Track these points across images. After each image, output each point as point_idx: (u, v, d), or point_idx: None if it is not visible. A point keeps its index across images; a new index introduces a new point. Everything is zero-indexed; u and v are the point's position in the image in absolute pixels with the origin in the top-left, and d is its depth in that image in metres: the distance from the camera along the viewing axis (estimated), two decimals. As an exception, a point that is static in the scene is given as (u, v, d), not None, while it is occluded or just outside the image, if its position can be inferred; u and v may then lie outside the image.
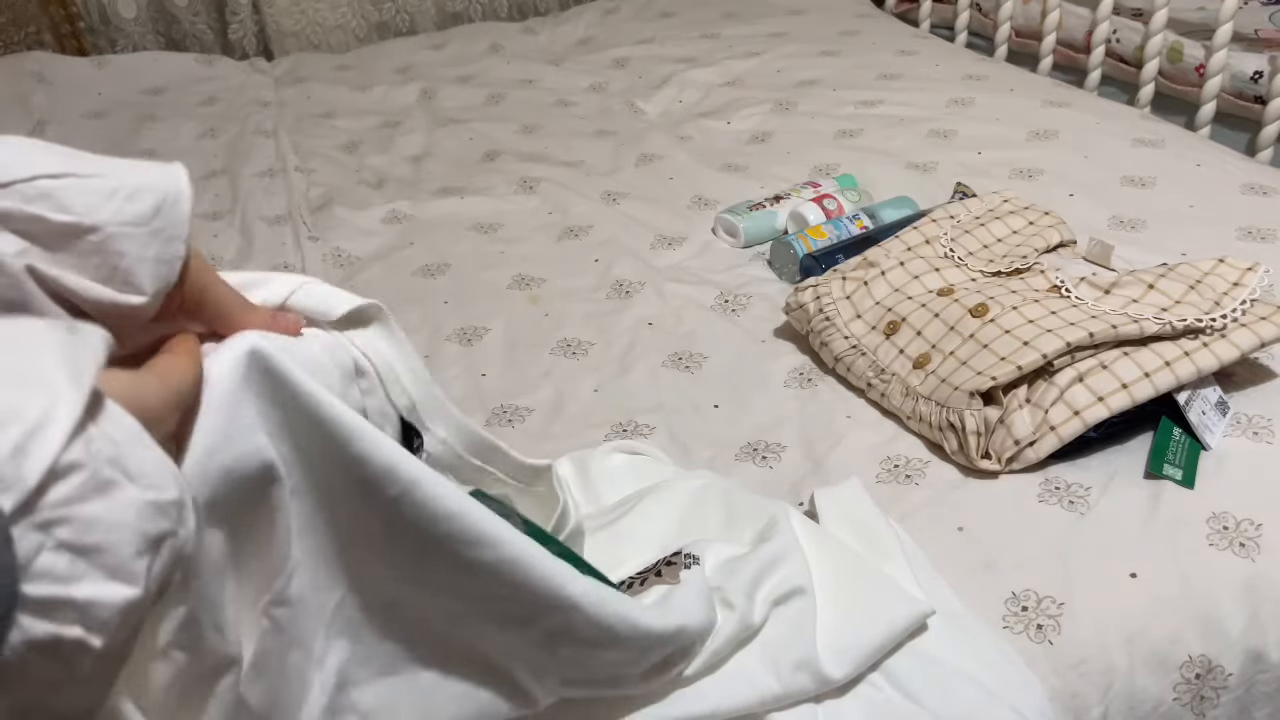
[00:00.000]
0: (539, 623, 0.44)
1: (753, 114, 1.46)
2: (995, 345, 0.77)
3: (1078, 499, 0.71)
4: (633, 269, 1.09)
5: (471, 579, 0.41)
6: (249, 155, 1.47)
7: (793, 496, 0.75)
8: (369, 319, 0.45)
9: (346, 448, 0.38)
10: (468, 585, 0.42)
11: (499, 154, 1.43)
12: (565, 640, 0.45)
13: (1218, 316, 0.76)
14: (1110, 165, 1.18)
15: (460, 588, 0.42)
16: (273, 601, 0.39)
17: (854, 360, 0.85)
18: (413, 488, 0.39)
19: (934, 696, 0.55)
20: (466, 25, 2.04)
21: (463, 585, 0.42)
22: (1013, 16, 1.68)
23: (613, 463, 0.73)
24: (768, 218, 1.13)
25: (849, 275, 0.91)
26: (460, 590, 0.42)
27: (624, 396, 0.89)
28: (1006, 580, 0.66)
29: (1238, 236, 1.02)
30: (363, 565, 0.42)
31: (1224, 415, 0.76)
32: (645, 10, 1.99)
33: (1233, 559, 0.66)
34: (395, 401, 0.46)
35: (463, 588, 0.42)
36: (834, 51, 1.65)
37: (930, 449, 0.78)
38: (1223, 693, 0.63)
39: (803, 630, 0.55)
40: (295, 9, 2.00)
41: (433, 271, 1.13)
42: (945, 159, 1.24)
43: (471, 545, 0.40)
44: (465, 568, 0.41)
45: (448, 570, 0.41)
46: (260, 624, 0.39)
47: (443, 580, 0.42)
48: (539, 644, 0.45)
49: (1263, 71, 1.36)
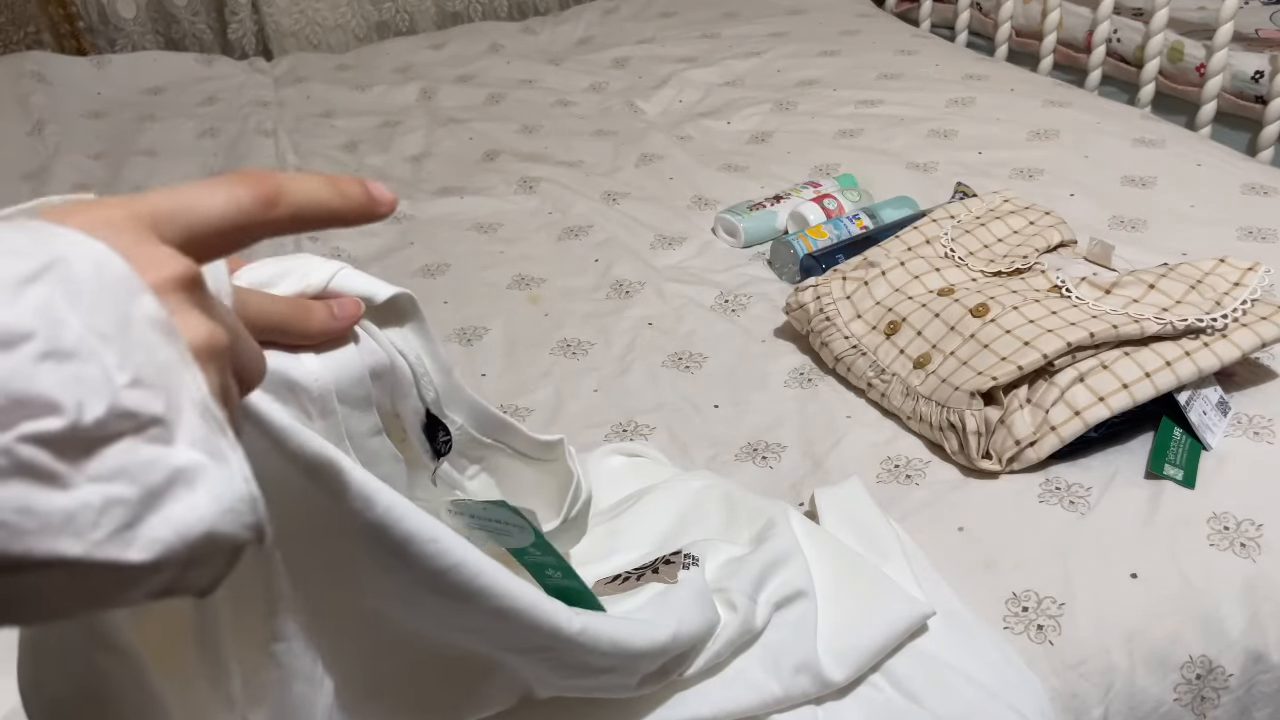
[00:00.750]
0: (532, 655, 0.44)
1: (753, 114, 1.46)
2: (996, 345, 0.77)
3: (1078, 499, 0.71)
4: (633, 269, 1.09)
5: (469, 618, 0.41)
6: (249, 155, 1.47)
7: (793, 496, 0.75)
8: (404, 312, 0.44)
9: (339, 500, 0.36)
10: (464, 623, 0.41)
11: (499, 154, 1.43)
12: (560, 666, 0.45)
13: (1218, 316, 0.76)
14: (1111, 165, 1.18)
15: (455, 624, 0.42)
16: (272, 637, 0.38)
17: (854, 360, 0.85)
18: (409, 543, 0.37)
19: (934, 697, 0.55)
20: (466, 25, 2.04)
21: (458, 623, 0.42)
22: (1013, 16, 1.68)
23: (611, 465, 0.73)
24: (768, 218, 1.13)
25: (849, 275, 0.91)
26: (456, 625, 0.42)
27: (624, 396, 0.89)
28: (1007, 580, 0.66)
29: (1238, 236, 1.02)
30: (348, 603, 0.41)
31: (1225, 415, 0.76)
32: (645, 10, 1.99)
33: (1233, 559, 0.66)
34: (425, 397, 0.46)
35: (458, 625, 0.42)
36: (834, 51, 1.65)
37: (930, 449, 0.78)
38: (1223, 693, 0.63)
39: (804, 633, 0.55)
40: (295, 9, 2.00)
41: (433, 271, 1.13)
42: (945, 159, 1.24)
43: (472, 596, 0.39)
44: (462, 611, 0.40)
45: (445, 611, 0.41)
46: (261, 660, 0.39)
47: (436, 618, 0.41)
48: (533, 664, 0.45)
49: (1263, 71, 1.36)
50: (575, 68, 1.74)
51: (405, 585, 0.39)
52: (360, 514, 0.36)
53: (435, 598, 0.39)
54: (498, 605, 0.40)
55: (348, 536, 0.37)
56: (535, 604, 0.41)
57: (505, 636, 0.42)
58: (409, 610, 0.41)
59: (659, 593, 0.53)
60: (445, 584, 0.38)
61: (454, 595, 0.39)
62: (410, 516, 0.37)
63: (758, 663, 0.54)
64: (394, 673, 0.44)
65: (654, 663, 0.48)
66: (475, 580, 0.39)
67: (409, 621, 0.42)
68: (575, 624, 0.43)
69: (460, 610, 0.40)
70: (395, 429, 0.47)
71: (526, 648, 0.43)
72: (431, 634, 0.43)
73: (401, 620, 0.42)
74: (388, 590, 0.40)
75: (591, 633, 0.44)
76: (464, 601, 0.39)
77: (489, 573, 0.40)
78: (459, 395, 0.48)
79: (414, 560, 0.37)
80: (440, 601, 0.40)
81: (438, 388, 0.46)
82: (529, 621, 0.41)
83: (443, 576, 0.38)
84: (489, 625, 0.41)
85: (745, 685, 0.53)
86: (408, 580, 0.38)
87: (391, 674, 0.44)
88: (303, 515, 0.36)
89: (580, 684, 0.47)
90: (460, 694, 0.46)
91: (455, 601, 0.39)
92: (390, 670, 0.44)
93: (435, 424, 0.47)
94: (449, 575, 0.38)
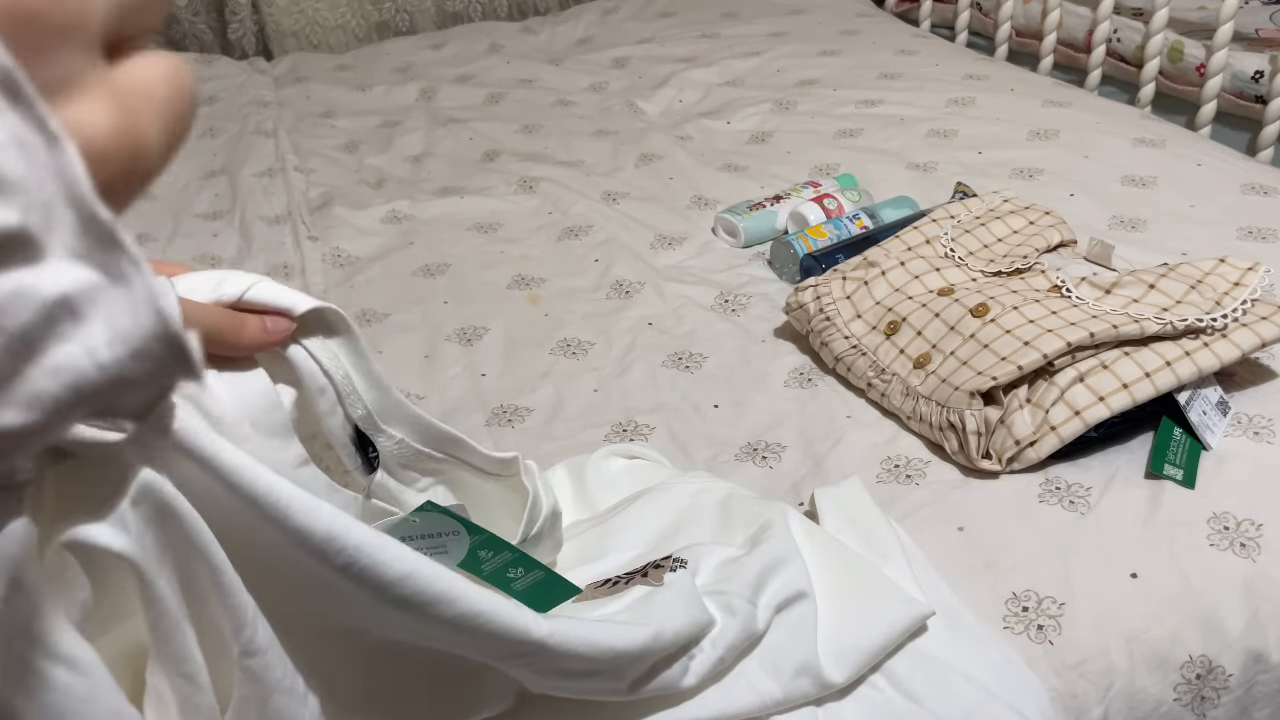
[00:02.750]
0: (507, 661, 0.43)
1: (753, 114, 1.46)
2: (996, 345, 0.77)
3: (1078, 499, 0.71)
4: (633, 269, 1.09)
5: (432, 629, 0.40)
6: (249, 155, 1.47)
7: (793, 496, 0.75)
8: (331, 327, 0.43)
9: (284, 523, 0.35)
10: (429, 634, 0.41)
11: (499, 154, 1.43)
12: (539, 671, 0.45)
13: (1218, 316, 0.76)
14: (1110, 165, 1.18)
15: (422, 635, 0.41)
16: (243, 653, 0.37)
17: (854, 360, 0.85)
18: (358, 555, 0.36)
19: (934, 697, 0.55)
20: (466, 25, 2.04)
21: (424, 634, 0.41)
22: (1013, 16, 1.68)
23: (610, 468, 0.73)
24: (768, 218, 1.13)
25: (849, 275, 0.91)
26: (424, 636, 0.41)
27: (624, 396, 0.89)
28: (1007, 580, 0.66)
29: (1238, 236, 1.02)
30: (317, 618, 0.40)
31: (1225, 415, 0.76)
32: (645, 10, 1.99)
33: (1233, 559, 0.66)
34: (351, 414, 0.45)
35: (425, 635, 0.41)
36: (834, 51, 1.65)
37: (930, 449, 0.78)
38: (1223, 693, 0.63)
39: (804, 635, 0.55)
40: (295, 9, 2.00)
41: (433, 271, 1.13)
42: (945, 159, 1.24)
43: (428, 606, 0.38)
44: (423, 622, 0.39)
45: (408, 623, 0.40)
46: (236, 675, 0.38)
47: (404, 629, 0.41)
48: (513, 670, 0.45)
49: (1263, 71, 1.36)
50: (575, 68, 1.74)
51: (364, 603, 0.38)
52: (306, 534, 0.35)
53: (394, 612, 0.38)
54: (457, 613, 0.39)
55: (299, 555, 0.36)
56: (497, 610, 0.40)
57: (472, 647, 0.41)
58: (376, 624, 0.40)
59: (642, 595, 0.52)
60: (398, 596, 0.37)
61: (409, 607, 0.38)
62: (355, 528, 0.36)
63: (757, 665, 0.53)
64: (378, 682, 0.44)
65: (638, 665, 0.48)
66: (431, 588, 0.38)
67: (380, 631, 0.41)
68: (543, 628, 0.42)
69: (423, 622, 0.39)
70: (332, 461, 0.47)
71: (498, 655, 0.42)
72: (408, 641, 0.42)
73: (374, 630, 0.41)
74: (350, 605, 0.39)
75: (561, 635, 0.43)
76: (420, 613, 0.38)
77: (444, 579, 0.38)
78: (399, 411, 0.47)
79: (365, 573, 0.36)
80: (399, 616, 0.38)
81: (369, 404, 0.45)
82: (494, 628, 0.40)
83: (394, 588, 0.37)
84: (452, 636, 0.40)
85: (745, 687, 0.52)
86: (366, 598, 0.37)
87: (376, 683, 0.44)
88: (253, 538, 0.35)
89: (567, 686, 0.47)
90: (451, 697, 0.46)
91: (413, 614, 0.38)
92: (374, 679, 0.43)
93: (365, 440, 0.46)
94: (406, 583, 0.37)
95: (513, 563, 0.49)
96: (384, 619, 0.40)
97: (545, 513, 0.55)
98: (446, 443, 0.50)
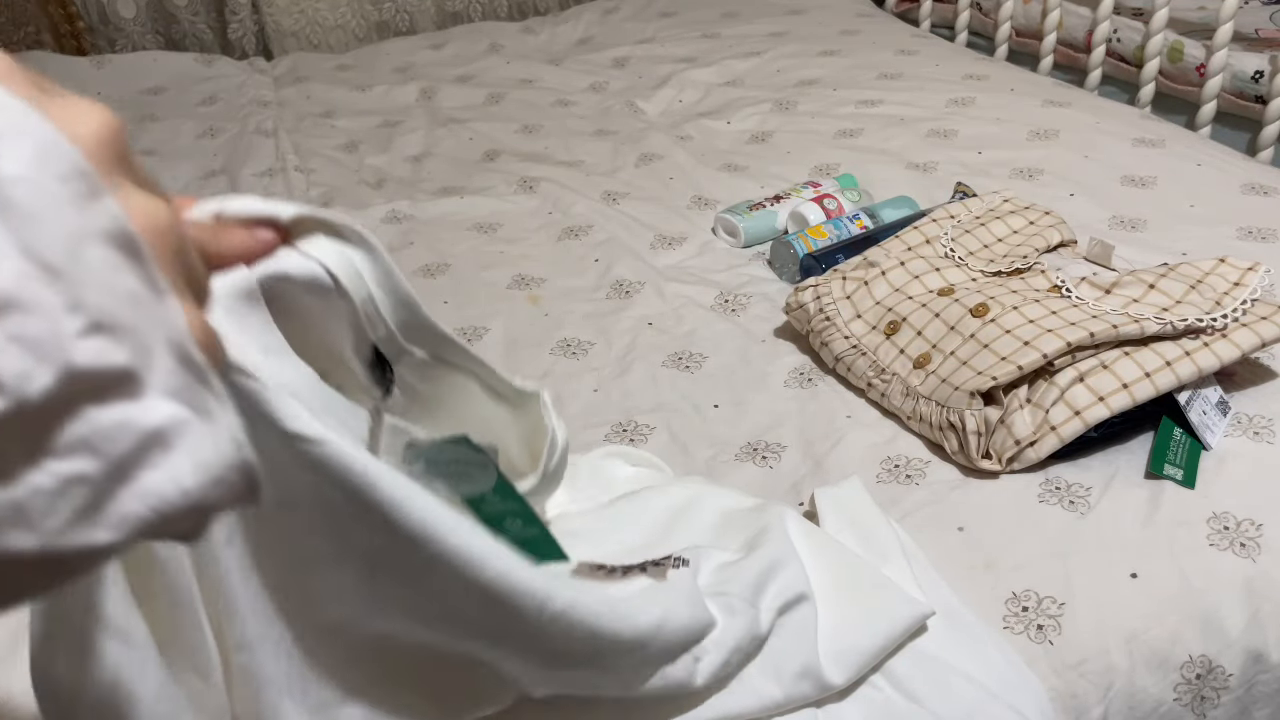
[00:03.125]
0: (507, 644, 0.43)
1: (753, 114, 1.46)
2: (996, 345, 0.77)
3: (1078, 499, 0.71)
4: (633, 269, 1.09)
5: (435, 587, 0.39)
6: (249, 155, 1.47)
7: (793, 496, 0.75)
8: (347, 239, 0.41)
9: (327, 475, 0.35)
10: (445, 607, 0.40)
11: (499, 154, 1.43)
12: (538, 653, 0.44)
13: (1218, 316, 0.76)
14: (1110, 165, 1.18)
15: (420, 609, 0.40)
16: (235, 647, 0.38)
17: (854, 360, 0.85)
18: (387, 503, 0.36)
19: (934, 697, 0.55)
20: (466, 25, 2.04)
21: (439, 609, 0.40)
22: (1013, 16, 1.68)
23: (608, 468, 0.73)
24: (768, 217, 1.13)
25: (849, 275, 0.91)
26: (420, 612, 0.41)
27: (624, 396, 0.89)
28: (1006, 580, 0.66)
29: (1238, 236, 1.02)
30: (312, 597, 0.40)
31: (1225, 415, 0.76)
32: (645, 10, 1.99)
33: (1233, 559, 0.66)
34: (376, 334, 0.44)
35: (422, 607, 0.40)
36: (834, 51, 1.65)
37: (930, 449, 0.78)
38: (1223, 693, 0.63)
39: (805, 637, 0.55)
40: (295, 9, 2.00)
41: (433, 271, 1.13)
42: (945, 159, 1.24)
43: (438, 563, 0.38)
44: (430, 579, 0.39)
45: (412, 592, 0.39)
46: (232, 669, 0.38)
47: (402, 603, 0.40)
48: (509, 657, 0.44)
49: (1263, 71, 1.36)
50: (575, 68, 1.74)
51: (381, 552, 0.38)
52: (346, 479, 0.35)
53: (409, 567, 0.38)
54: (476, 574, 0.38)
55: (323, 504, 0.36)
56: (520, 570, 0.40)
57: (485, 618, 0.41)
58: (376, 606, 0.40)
59: (646, 586, 0.52)
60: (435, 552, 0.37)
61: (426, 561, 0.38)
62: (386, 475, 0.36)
63: (758, 668, 0.53)
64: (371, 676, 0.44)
65: (637, 653, 0.47)
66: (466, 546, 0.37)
67: (375, 620, 0.41)
68: (565, 595, 0.41)
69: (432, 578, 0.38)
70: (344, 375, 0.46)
71: (501, 631, 0.42)
72: (402, 634, 0.42)
73: (368, 621, 0.41)
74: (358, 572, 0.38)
75: (581, 606, 0.42)
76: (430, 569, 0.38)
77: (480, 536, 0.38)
78: (426, 332, 0.45)
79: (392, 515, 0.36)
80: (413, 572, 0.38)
81: (394, 323, 0.43)
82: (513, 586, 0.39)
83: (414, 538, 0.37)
84: (461, 600, 0.39)
85: (746, 690, 0.52)
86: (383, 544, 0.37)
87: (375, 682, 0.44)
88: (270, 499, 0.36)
89: (565, 675, 0.46)
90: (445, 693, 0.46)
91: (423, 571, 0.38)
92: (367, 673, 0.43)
93: (382, 360, 0.45)
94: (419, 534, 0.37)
95: (514, 513, 0.48)
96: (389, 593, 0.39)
97: (561, 447, 0.54)
98: (468, 359, 0.50)
